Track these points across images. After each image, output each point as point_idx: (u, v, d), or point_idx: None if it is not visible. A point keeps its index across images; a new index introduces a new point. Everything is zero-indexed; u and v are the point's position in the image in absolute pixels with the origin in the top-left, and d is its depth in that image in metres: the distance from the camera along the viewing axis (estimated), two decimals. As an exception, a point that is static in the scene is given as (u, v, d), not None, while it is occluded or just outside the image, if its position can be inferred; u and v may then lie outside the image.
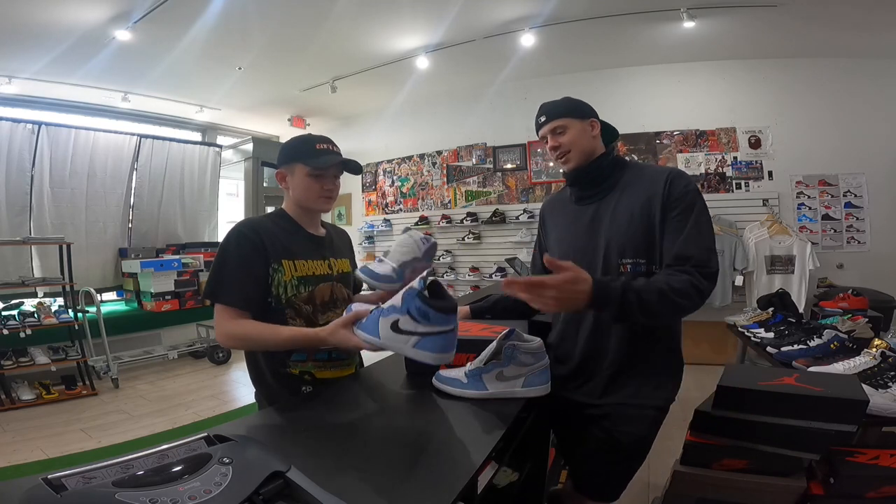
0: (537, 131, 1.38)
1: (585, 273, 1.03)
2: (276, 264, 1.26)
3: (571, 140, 1.30)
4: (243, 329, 1.21)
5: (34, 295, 4.28)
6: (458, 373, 1.11)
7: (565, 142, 1.31)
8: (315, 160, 1.29)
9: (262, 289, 1.25)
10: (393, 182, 6.19)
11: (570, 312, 1.08)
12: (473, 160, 5.61)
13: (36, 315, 3.84)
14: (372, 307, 1.03)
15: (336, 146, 1.35)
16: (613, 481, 1.33)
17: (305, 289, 1.29)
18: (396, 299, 0.95)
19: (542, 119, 1.34)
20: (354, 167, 1.36)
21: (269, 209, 5.81)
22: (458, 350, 1.23)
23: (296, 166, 1.30)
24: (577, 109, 1.32)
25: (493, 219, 5.32)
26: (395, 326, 0.94)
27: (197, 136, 6.26)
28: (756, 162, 4.48)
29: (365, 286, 1.35)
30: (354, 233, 6.22)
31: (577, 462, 1.41)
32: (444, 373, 1.13)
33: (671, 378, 1.30)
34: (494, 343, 1.09)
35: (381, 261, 1.28)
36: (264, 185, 6.42)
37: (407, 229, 1.53)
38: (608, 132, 1.37)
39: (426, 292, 0.93)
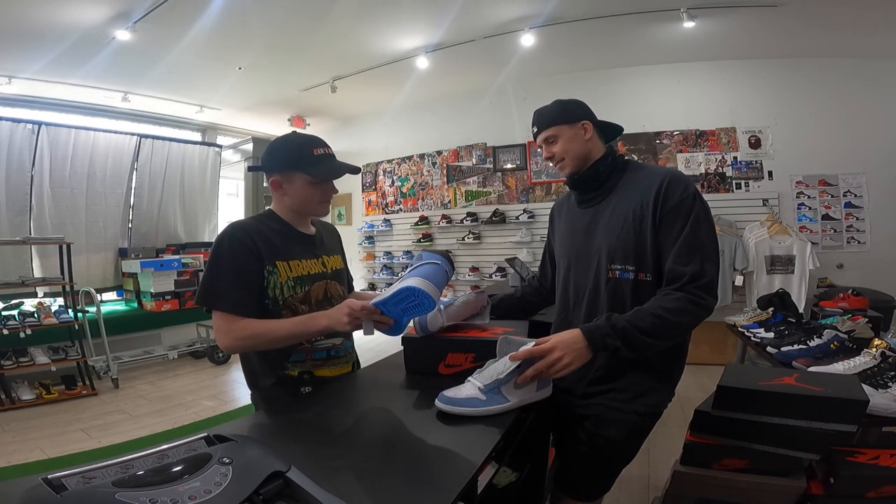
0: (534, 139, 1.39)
1: (568, 332, 1.11)
2: (271, 266, 1.24)
3: (564, 148, 1.30)
4: (247, 330, 1.19)
5: (34, 295, 4.27)
6: (468, 390, 1.03)
7: (558, 151, 1.31)
8: (316, 168, 1.26)
9: (257, 292, 1.23)
10: (393, 182, 6.19)
11: (584, 362, 1.10)
12: (473, 160, 5.61)
13: (36, 315, 3.84)
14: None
15: (329, 146, 1.32)
16: (589, 482, 1.33)
17: (301, 289, 1.29)
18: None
19: (534, 129, 1.35)
20: (352, 171, 1.34)
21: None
22: (456, 350, 1.24)
23: (295, 175, 1.27)
24: (566, 114, 1.31)
25: (493, 219, 5.32)
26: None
27: (197, 136, 6.26)
28: (756, 162, 4.48)
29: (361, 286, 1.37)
30: (354, 233, 6.23)
31: (560, 458, 1.42)
32: (450, 393, 1.03)
33: (662, 385, 1.26)
34: (506, 359, 1.06)
35: (447, 306, 1.35)
36: (264, 184, 6.43)
37: (481, 292, 1.71)
38: (611, 129, 1.35)
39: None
